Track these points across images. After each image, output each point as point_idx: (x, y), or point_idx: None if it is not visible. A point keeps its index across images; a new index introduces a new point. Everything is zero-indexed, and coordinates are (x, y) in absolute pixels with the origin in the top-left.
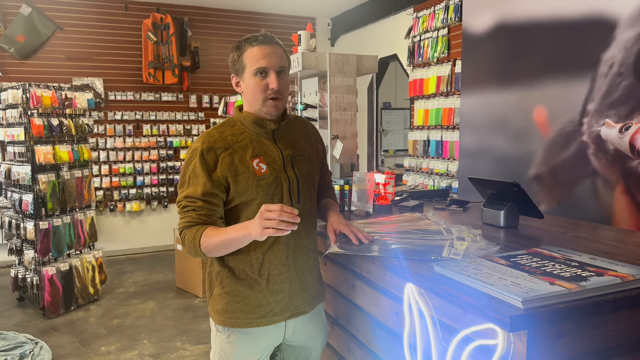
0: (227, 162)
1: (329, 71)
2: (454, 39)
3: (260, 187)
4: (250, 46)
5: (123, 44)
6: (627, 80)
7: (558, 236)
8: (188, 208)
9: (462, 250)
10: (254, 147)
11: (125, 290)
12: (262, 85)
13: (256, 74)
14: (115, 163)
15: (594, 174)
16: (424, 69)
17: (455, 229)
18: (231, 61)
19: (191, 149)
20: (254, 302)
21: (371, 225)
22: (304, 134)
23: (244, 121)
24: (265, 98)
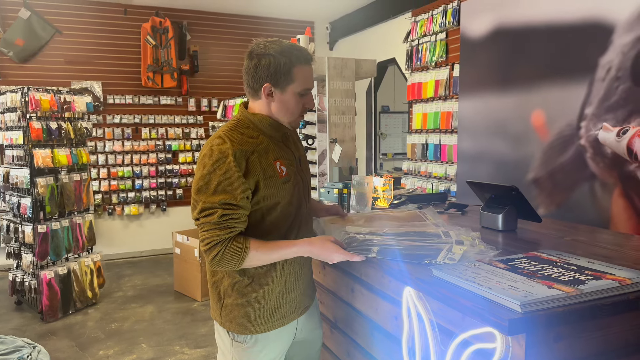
0: (257, 165)
1: (328, 75)
2: (452, 43)
3: (284, 190)
4: (303, 64)
5: (122, 47)
6: (625, 84)
7: (556, 240)
8: (227, 217)
9: (459, 255)
10: (274, 150)
11: (123, 294)
12: (302, 104)
13: (301, 94)
14: (114, 166)
15: (592, 178)
16: (423, 72)
17: (454, 232)
18: (272, 68)
19: (217, 151)
20: (274, 305)
21: (369, 223)
22: (297, 135)
23: (259, 124)
24: (298, 115)
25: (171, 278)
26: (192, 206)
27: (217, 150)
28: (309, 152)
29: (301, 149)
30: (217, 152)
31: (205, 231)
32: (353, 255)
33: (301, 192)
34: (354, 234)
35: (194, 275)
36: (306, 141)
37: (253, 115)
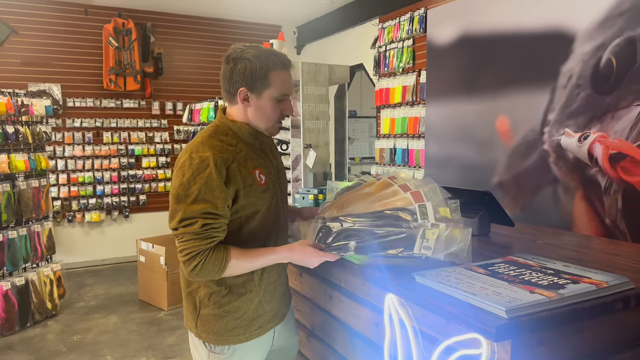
0: (237, 173)
1: (302, 80)
2: (419, 50)
3: (263, 199)
4: (281, 69)
5: (83, 49)
6: (585, 91)
7: (529, 243)
8: (208, 226)
9: (433, 240)
10: (253, 158)
11: (85, 305)
12: (279, 110)
13: (278, 99)
14: (74, 172)
15: (555, 182)
16: (390, 78)
17: (430, 206)
18: (247, 72)
19: (197, 159)
20: (253, 315)
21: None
22: (273, 142)
23: (238, 132)
24: (276, 121)
25: (135, 287)
26: (170, 215)
27: (198, 158)
28: (283, 157)
29: (278, 156)
30: (198, 159)
31: (185, 241)
32: (332, 255)
33: (279, 200)
34: (328, 222)
35: (160, 284)
36: (280, 146)
37: (232, 123)
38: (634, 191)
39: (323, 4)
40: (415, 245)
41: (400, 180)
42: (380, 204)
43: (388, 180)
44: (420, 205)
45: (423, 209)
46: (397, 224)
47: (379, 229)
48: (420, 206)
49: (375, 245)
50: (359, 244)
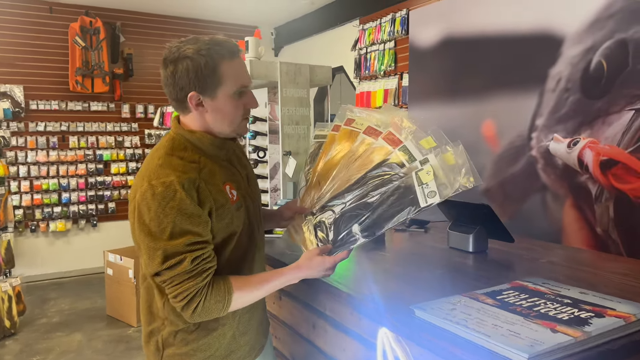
0: (207, 194)
1: (280, 82)
2: (401, 52)
3: (238, 218)
4: (229, 59)
5: (47, 49)
6: (574, 95)
7: (532, 262)
8: (199, 259)
9: (432, 181)
10: (220, 172)
11: (47, 321)
12: (240, 106)
13: (237, 94)
14: (38, 179)
15: (544, 189)
16: (371, 81)
17: (410, 144)
18: (192, 73)
19: (160, 186)
20: (225, 352)
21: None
22: (238, 147)
23: (198, 144)
24: (242, 119)
25: (102, 301)
26: (148, 257)
27: (160, 185)
28: (260, 165)
29: (248, 165)
30: (161, 187)
31: (177, 285)
32: (343, 253)
33: (253, 216)
34: (319, 215)
35: (129, 298)
36: (257, 153)
37: (190, 134)
38: (626, 199)
39: (302, 4)
40: (418, 197)
41: (360, 120)
42: (358, 167)
43: (347, 129)
44: (400, 149)
45: (405, 151)
46: (387, 181)
47: (372, 196)
48: (400, 150)
49: (379, 218)
50: (363, 225)
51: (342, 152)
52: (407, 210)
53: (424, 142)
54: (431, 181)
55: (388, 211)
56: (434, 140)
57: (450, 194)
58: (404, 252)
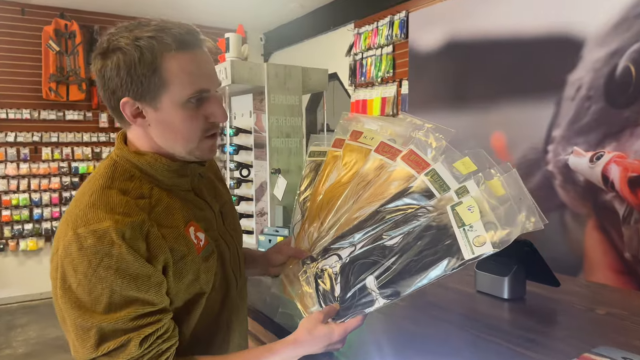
0: (161, 242)
1: (268, 86)
2: (400, 58)
3: (207, 272)
4: (180, 51)
5: (18, 53)
6: (597, 104)
7: (586, 314)
8: (151, 338)
9: (476, 220)
10: (181, 209)
11: (12, 352)
12: (199, 118)
13: (193, 102)
14: (7, 193)
15: (562, 208)
16: (368, 89)
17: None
18: (123, 70)
19: (90, 238)
20: None
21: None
22: (212, 169)
23: (150, 170)
24: (202, 136)
25: None
26: (77, 338)
27: (90, 234)
28: (244, 185)
29: (225, 194)
30: (92, 238)
31: None
32: (355, 320)
33: (230, 267)
34: (320, 261)
35: None
36: (240, 171)
37: (138, 157)
38: None
39: (292, 7)
40: (460, 244)
41: (370, 134)
42: (370, 198)
43: (354, 144)
44: (427, 174)
45: (435, 177)
46: (411, 216)
47: (391, 237)
48: (428, 175)
49: (404, 270)
50: (382, 279)
51: (347, 176)
52: (446, 261)
53: (459, 164)
54: (477, 222)
55: (417, 261)
56: (473, 161)
57: (507, 240)
58: (422, 300)
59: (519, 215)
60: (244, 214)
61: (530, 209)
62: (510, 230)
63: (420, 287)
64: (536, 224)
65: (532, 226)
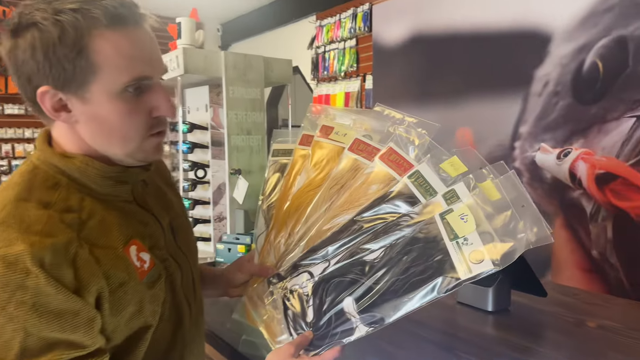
0: (93, 266)
1: (226, 78)
2: (364, 51)
3: (153, 301)
4: (107, 28)
5: None
6: (565, 100)
7: (576, 328)
8: None
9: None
10: (120, 225)
11: None
12: (140, 112)
13: (128, 90)
14: None
15: None
16: (330, 83)
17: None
18: (39, 52)
19: (1, 264)
20: None
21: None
22: (160, 174)
23: (80, 176)
24: (145, 135)
25: None
26: None
27: None
28: (200, 187)
29: (176, 203)
30: (0, 266)
31: None
32: (332, 352)
33: (182, 291)
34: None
35: None
36: (195, 172)
37: (65, 160)
38: (627, 218)
39: None
40: (454, 261)
41: (342, 129)
42: (345, 204)
43: (324, 142)
44: (411, 177)
45: (420, 180)
46: (392, 226)
47: (371, 251)
48: (412, 177)
49: (389, 291)
50: (362, 302)
51: (318, 179)
52: (439, 281)
53: (447, 165)
54: (472, 233)
55: (403, 280)
56: (462, 161)
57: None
58: None
59: (520, 225)
60: (200, 219)
61: (534, 217)
62: (513, 243)
63: (410, 312)
64: (539, 235)
65: (535, 237)
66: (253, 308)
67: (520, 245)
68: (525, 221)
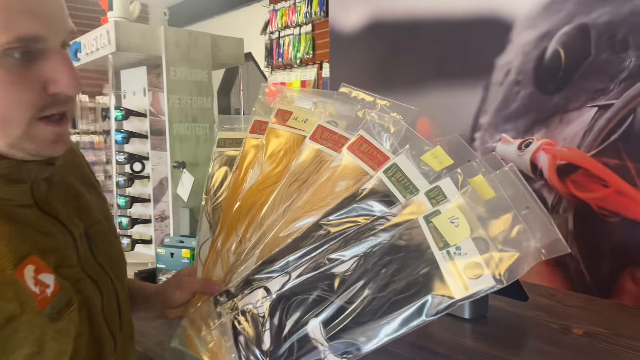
0: None
1: (166, 57)
2: (320, 38)
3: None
4: None
5: None
6: (526, 89)
7: (561, 335)
8: None
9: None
10: (10, 236)
11: None
12: (28, 85)
13: (11, 55)
14: None
15: None
16: (286, 71)
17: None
18: None
19: None
20: None
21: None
22: (74, 170)
23: None
24: (34, 117)
25: None
26: None
27: None
28: (138, 182)
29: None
30: None
31: None
32: None
33: (102, 316)
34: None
35: None
36: (131, 166)
37: None
38: (588, 210)
39: None
40: (443, 271)
41: (302, 114)
42: (308, 205)
43: (280, 129)
44: (388, 171)
45: (398, 175)
46: (365, 231)
47: (340, 260)
48: (389, 171)
49: (364, 311)
50: (333, 325)
51: (274, 175)
52: (427, 300)
53: (429, 156)
54: (466, 240)
55: (382, 299)
56: (446, 152)
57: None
58: None
59: (525, 231)
60: (139, 219)
61: (542, 221)
62: (518, 254)
63: (392, 339)
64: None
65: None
66: (196, 334)
67: (527, 256)
68: (532, 226)
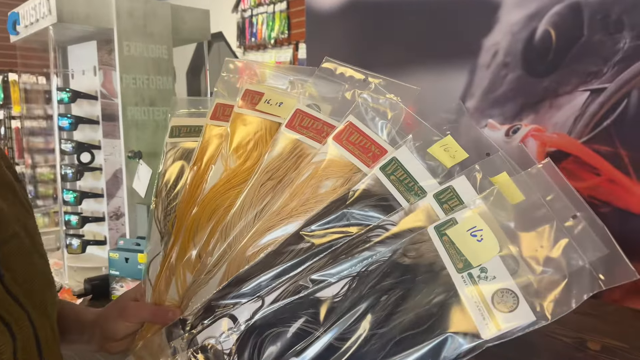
0: None
1: (118, 30)
2: (296, 16)
3: None
4: None
5: None
6: (515, 72)
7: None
8: None
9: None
10: None
11: None
12: None
13: None
14: None
15: None
16: (259, 52)
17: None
18: None
19: None
20: None
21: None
22: None
23: None
24: None
25: None
26: None
27: None
28: (89, 175)
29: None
30: None
31: None
32: None
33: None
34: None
35: None
36: (79, 156)
37: None
38: None
39: None
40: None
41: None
42: (285, 210)
43: (249, 114)
44: (386, 167)
45: (399, 173)
46: (359, 244)
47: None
48: (387, 168)
49: (359, 351)
50: None
51: (243, 172)
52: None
53: (437, 149)
54: (493, 260)
55: (384, 336)
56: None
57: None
58: None
59: (571, 247)
60: (91, 217)
61: (598, 236)
62: (565, 280)
63: None
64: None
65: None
66: None
67: (578, 283)
68: (582, 243)
